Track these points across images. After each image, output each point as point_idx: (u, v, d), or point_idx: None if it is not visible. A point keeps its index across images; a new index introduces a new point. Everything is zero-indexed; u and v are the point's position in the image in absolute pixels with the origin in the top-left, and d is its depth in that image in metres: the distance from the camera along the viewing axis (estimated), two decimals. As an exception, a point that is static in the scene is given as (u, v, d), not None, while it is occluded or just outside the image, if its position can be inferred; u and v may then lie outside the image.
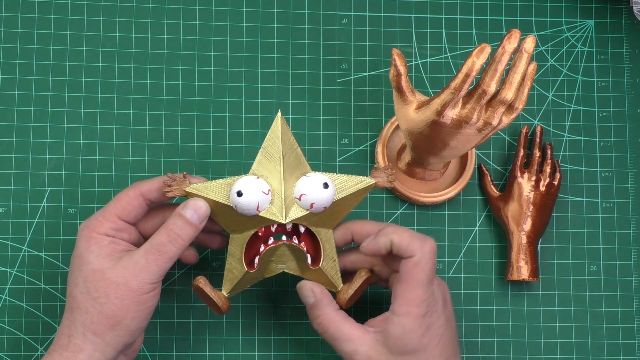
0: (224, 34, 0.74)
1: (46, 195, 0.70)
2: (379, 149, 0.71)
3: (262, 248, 0.61)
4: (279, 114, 0.61)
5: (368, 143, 0.73)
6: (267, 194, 0.59)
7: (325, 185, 0.59)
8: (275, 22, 0.74)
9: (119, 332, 0.58)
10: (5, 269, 0.69)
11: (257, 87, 0.73)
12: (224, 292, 0.62)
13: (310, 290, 0.62)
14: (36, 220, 0.70)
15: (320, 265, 0.62)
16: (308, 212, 0.60)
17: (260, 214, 0.59)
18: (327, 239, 0.63)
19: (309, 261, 0.62)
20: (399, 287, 0.60)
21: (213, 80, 0.73)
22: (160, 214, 0.64)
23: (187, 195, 0.61)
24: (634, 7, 0.71)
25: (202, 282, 0.61)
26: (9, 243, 0.69)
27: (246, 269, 0.61)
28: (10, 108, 0.71)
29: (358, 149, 0.73)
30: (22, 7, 0.72)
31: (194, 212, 0.60)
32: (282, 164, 0.60)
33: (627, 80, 0.75)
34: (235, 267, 0.62)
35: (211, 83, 0.73)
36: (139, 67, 0.72)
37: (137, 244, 0.62)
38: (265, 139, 0.61)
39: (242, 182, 0.59)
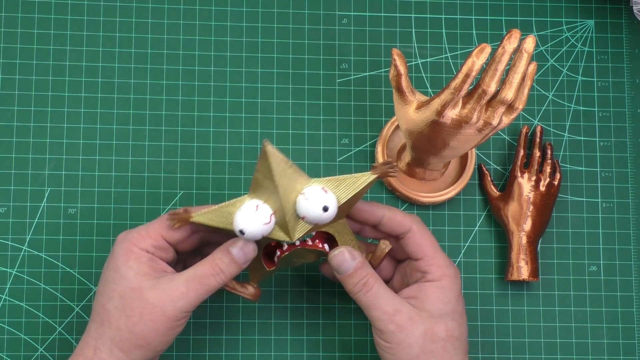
0: (224, 34, 0.74)
1: (46, 195, 0.70)
2: (379, 149, 0.71)
3: (278, 254, 0.61)
4: (265, 144, 0.56)
5: (368, 143, 0.73)
6: (269, 223, 0.58)
7: (325, 209, 0.58)
8: (275, 22, 0.74)
9: (144, 352, 0.58)
10: (5, 269, 0.69)
11: (257, 87, 0.73)
12: (253, 282, 0.63)
13: (350, 253, 0.61)
14: (36, 220, 0.70)
15: None
16: (313, 225, 0.60)
17: (268, 237, 0.59)
18: (341, 228, 0.63)
19: (327, 249, 0.62)
20: (422, 262, 0.62)
21: (213, 80, 0.73)
22: (199, 233, 0.63)
23: (192, 224, 0.60)
24: (634, 7, 0.71)
25: (229, 284, 0.62)
26: (9, 243, 0.69)
27: (267, 268, 0.62)
28: (10, 108, 0.71)
29: (358, 149, 0.73)
30: (22, 7, 0.72)
31: (241, 251, 0.60)
32: (278, 191, 0.57)
33: (627, 80, 0.75)
34: (257, 266, 0.63)
35: (211, 83, 0.73)
36: (139, 67, 0.72)
37: (172, 264, 0.62)
38: (256, 170, 0.58)
39: (243, 219, 0.57)
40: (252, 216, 0.58)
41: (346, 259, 0.61)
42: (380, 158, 0.71)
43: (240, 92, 0.73)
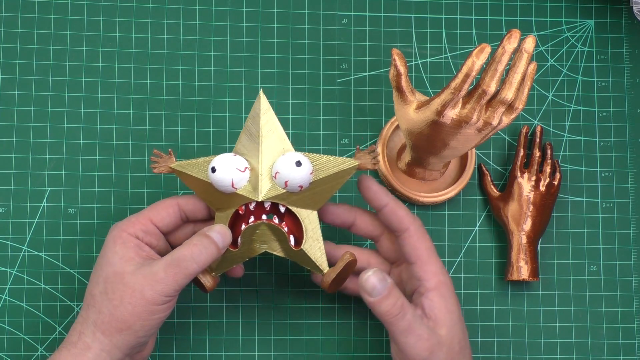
0: (224, 34, 0.74)
1: (46, 195, 0.70)
2: (379, 149, 0.71)
3: (243, 227, 0.61)
4: (260, 92, 0.61)
5: (368, 143, 0.73)
6: (242, 172, 0.59)
7: (298, 164, 0.59)
8: (275, 22, 0.74)
9: (125, 337, 0.58)
10: (5, 269, 0.69)
11: (257, 87, 0.73)
12: (210, 272, 0.63)
13: (382, 274, 0.59)
14: (36, 220, 0.70)
15: (302, 247, 0.61)
16: (284, 190, 0.60)
17: (237, 192, 0.60)
18: (310, 220, 0.62)
19: (292, 242, 0.62)
20: (416, 267, 0.61)
21: (213, 80, 0.73)
22: (190, 224, 0.64)
23: (172, 172, 0.62)
24: (634, 7, 0.71)
25: None
26: (9, 243, 0.70)
27: (229, 247, 0.61)
28: (10, 108, 0.71)
29: (358, 149, 0.73)
30: (22, 7, 0.72)
31: (219, 234, 0.60)
32: (260, 143, 0.60)
33: (627, 80, 0.75)
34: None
35: (211, 83, 0.73)
36: (139, 67, 0.72)
37: (163, 253, 0.63)
38: (247, 118, 0.61)
39: (218, 159, 0.60)
40: (227, 159, 0.60)
41: (380, 279, 0.59)
42: (380, 158, 0.71)
43: (240, 92, 0.73)
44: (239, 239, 0.61)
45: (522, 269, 0.70)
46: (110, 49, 0.72)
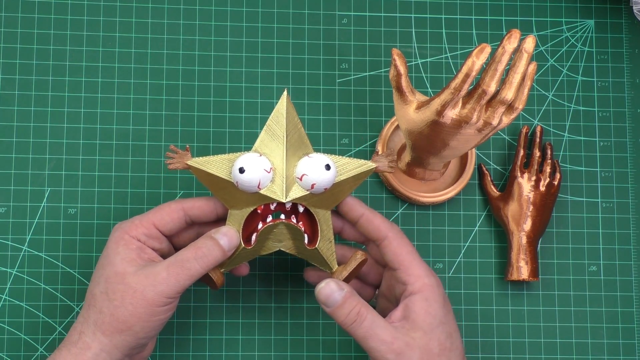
0: (224, 34, 0.74)
1: (46, 195, 0.70)
2: (379, 149, 0.71)
3: (260, 225, 0.61)
4: (285, 92, 0.61)
5: (368, 143, 0.73)
6: (268, 172, 0.59)
7: (327, 167, 0.60)
8: (275, 22, 0.74)
9: (126, 337, 0.58)
10: (5, 269, 0.69)
11: (257, 87, 0.73)
12: (219, 268, 0.63)
13: (337, 284, 0.61)
14: (36, 220, 0.70)
15: (316, 246, 0.62)
16: (308, 192, 0.60)
17: (261, 192, 0.59)
18: (325, 219, 0.63)
19: (306, 241, 0.62)
20: (400, 272, 0.61)
21: (213, 80, 0.73)
22: (195, 227, 0.64)
23: (188, 169, 0.61)
24: (634, 7, 0.71)
25: None
26: (9, 243, 0.70)
27: (243, 245, 0.61)
28: (10, 108, 0.71)
29: (358, 149, 0.73)
30: (22, 7, 0.72)
31: (225, 236, 0.60)
32: (285, 143, 0.60)
33: (627, 80, 0.75)
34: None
35: (211, 83, 0.73)
36: (139, 67, 0.72)
37: (166, 255, 0.63)
38: (270, 117, 0.61)
39: (245, 159, 0.59)
40: (255, 160, 0.59)
41: (333, 289, 0.60)
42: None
43: (240, 92, 0.73)
44: (254, 236, 0.62)
45: (522, 269, 0.70)
46: (110, 49, 0.72)
